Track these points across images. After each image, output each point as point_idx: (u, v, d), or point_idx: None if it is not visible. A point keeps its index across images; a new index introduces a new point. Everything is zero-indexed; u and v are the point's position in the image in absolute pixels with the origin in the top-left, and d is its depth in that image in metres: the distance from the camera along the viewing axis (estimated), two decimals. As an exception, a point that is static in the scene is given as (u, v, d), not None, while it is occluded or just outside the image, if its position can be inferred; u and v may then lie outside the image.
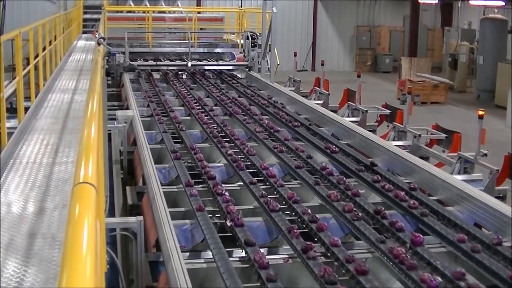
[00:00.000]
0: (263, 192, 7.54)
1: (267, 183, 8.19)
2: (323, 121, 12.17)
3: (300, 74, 22.61)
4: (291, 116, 12.37)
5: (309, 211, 6.94)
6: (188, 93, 14.85)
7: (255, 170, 8.73)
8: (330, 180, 8.27)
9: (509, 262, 5.87)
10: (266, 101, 13.94)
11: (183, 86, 16.04)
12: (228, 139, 10.43)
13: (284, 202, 7.42)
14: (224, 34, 24.38)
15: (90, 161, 2.62)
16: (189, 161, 9.27)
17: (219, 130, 11.08)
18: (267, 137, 10.67)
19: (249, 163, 9.07)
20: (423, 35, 35.66)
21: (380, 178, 8.32)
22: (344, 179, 8.20)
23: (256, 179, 8.15)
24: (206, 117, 12.01)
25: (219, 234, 6.33)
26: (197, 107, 13.04)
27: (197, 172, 8.62)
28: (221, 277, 5.42)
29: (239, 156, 9.29)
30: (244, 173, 8.40)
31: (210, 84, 16.55)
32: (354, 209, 7.06)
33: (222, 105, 13.58)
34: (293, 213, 7.11)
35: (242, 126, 11.65)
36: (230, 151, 9.46)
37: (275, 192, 7.82)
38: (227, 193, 7.36)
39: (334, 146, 9.95)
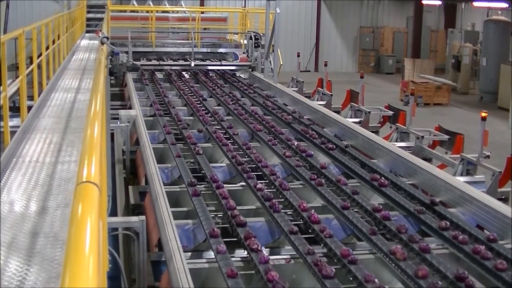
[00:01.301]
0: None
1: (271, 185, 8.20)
2: (326, 122, 12.16)
3: (303, 74, 22.63)
4: (326, 138, 10.74)
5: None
6: (191, 93, 14.86)
7: (260, 173, 8.71)
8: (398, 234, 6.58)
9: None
10: (289, 115, 12.51)
11: (186, 86, 16.04)
12: (232, 141, 10.42)
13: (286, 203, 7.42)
14: (228, 34, 24.38)
15: (93, 160, 2.62)
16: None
17: (223, 130, 11.08)
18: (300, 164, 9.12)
19: (253, 165, 9.05)
20: (427, 36, 35.66)
21: (448, 224, 6.78)
22: (406, 226, 6.72)
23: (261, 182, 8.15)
24: (209, 118, 12.01)
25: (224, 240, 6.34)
26: (200, 107, 13.04)
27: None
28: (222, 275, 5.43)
29: (244, 159, 9.29)
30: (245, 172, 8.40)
31: (213, 84, 16.55)
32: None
33: (225, 105, 13.58)
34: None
35: (245, 127, 11.65)
36: (234, 152, 9.47)
37: (280, 196, 7.83)
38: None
39: (382, 178, 8.32)
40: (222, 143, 10.00)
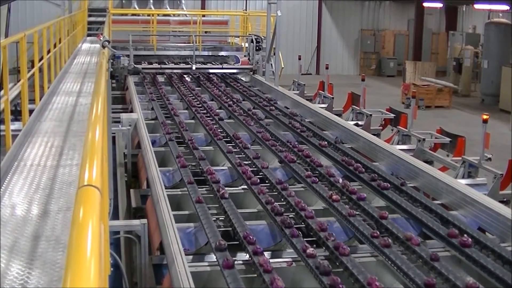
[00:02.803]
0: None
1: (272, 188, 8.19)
2: (327, 125, 12.15)
3: (304, 77, 22.66)
4: (351, 156, 9.73)
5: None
6: (193, 96, 14.87)
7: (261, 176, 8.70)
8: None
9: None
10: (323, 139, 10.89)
11: (187, 89, 16.04)
12: (234, 144, 10.42)
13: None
14: (229, 37, 24.39)
15: (94, 163, 2.63)
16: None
17: (224, 133, 11.08)
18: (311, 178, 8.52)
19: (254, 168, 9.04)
20: (428, 39, 35.64)
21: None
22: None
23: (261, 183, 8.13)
24: (211, 121, 12.01)
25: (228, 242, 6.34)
26: (202, 110, 13.05)
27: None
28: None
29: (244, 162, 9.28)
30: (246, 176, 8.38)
31: (214, 88, 16.55)
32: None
33: (226, 108, 13.59)
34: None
35: (247, 130, 11.64)
36: (234, 155, 9.47)
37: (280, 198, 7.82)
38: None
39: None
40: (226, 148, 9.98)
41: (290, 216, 7.05)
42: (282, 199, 7.70)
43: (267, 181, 8.39)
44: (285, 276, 5.84)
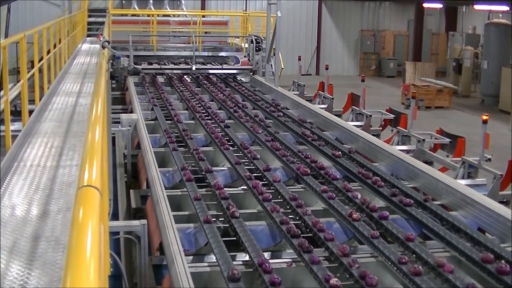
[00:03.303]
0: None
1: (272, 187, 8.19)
2: (327, 126, 12.15)
3: (304, 78, 22.66)
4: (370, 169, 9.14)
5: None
6: (193, 97, 14.87)
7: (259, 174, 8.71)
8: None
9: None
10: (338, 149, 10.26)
11: (187, 90, 16.05)
12: (232, 143, 10.43)
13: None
14: (229, 38, 24.40)
15: (94, 164, 2.63)
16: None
17: (223, 134, 11.08)
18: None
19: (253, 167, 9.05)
20: (428, 39, 35.66)
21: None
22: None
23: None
24: (210, 121, 12.01)
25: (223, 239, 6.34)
26: (201, 111, 13.04)
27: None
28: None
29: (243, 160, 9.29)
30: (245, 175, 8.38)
31: (214, 88, 16.55)
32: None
33: (226, 109, 13.58)
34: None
35: (246, 130, 11.64)
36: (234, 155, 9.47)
37: (279, 196, 7.82)
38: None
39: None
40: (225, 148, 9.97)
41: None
42: (298, 218, 7.09)
43: (279, 197, 7.82)
44: (285, 276, 5.84)
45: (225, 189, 7.87)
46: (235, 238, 6.54)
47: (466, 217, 7.42)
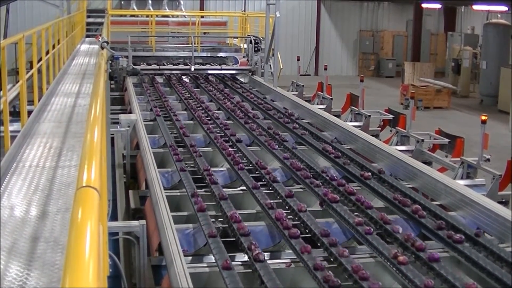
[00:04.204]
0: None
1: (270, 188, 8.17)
2: (326, 126, 12.16)
3: (303, 78, 22.64)
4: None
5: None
6: (191, 97, 14.87)
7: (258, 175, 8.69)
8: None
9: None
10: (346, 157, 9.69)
11: (186, 90, 16.04)
12: (231, 143, 10.42)
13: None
14: (228, 39, 24.40)
15: (93, 165, 2.63)
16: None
17: (222, 134, 11.08)
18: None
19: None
20: (427, 39, 35.70)
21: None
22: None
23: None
24: (209, 121, 12.00)
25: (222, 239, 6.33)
26: (200, 111, 13.04)
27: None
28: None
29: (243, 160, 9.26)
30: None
31: (213, 89, 16.55)
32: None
33: (225, 109, 13.58)
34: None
35: (245, 131, 11.62)
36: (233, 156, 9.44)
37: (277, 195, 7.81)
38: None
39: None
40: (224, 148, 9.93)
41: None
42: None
43: (306, 229, 6.74)
44: (284, 277, 5.84)
45: (225, 189, 7.87)
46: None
47: (465, 217, 7.42)
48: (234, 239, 6.48)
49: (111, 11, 23.38)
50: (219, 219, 7.09)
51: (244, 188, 8.28)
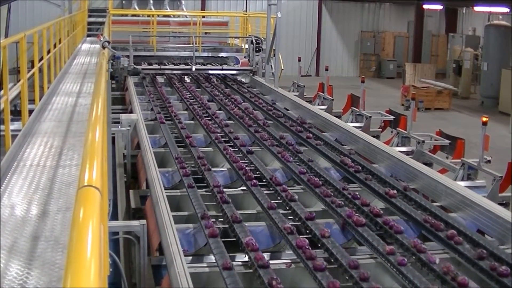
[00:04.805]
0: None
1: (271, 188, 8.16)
2: (326, 127, 12.16)
3: (304, 79, 22.63)
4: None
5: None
6: (192, 97, 14.87)
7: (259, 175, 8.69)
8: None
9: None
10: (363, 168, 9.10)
11: (187, 90, 16.04)
12: (232, 144, 10.41)
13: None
14: (229, 39, 24.41)
15: (94, 164, 2.63)
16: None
17: (223, 134, 11.07)
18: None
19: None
20: (428, 41, 35.68)
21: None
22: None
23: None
24: (210, 121, 11.99)
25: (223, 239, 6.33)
26: (201, 111, 13.03)
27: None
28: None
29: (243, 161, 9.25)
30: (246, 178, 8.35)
31: (214, 89, 16.55)
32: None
33: (226, 109, 13.58)
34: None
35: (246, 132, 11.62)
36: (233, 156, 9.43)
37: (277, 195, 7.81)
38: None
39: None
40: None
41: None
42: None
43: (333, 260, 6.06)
44: (284, 277, 5.84)
45: (225, 189, 7.87)
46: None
47: (466, 218, 7.42)
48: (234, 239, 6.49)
49: (112, 11, 23.38)
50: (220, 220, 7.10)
51: (245, 188, 8.28)
